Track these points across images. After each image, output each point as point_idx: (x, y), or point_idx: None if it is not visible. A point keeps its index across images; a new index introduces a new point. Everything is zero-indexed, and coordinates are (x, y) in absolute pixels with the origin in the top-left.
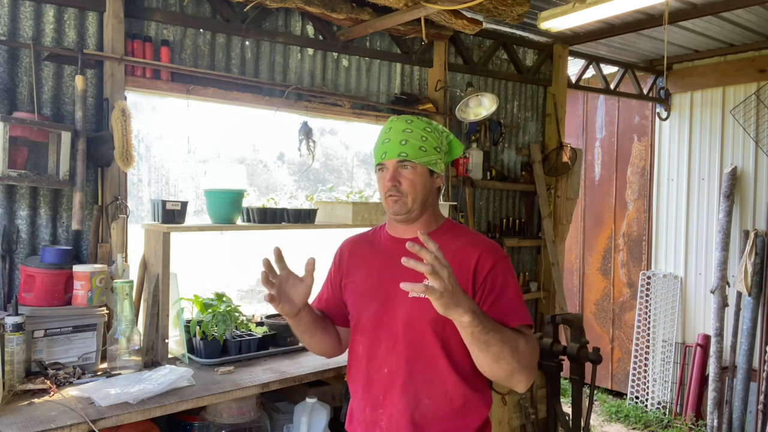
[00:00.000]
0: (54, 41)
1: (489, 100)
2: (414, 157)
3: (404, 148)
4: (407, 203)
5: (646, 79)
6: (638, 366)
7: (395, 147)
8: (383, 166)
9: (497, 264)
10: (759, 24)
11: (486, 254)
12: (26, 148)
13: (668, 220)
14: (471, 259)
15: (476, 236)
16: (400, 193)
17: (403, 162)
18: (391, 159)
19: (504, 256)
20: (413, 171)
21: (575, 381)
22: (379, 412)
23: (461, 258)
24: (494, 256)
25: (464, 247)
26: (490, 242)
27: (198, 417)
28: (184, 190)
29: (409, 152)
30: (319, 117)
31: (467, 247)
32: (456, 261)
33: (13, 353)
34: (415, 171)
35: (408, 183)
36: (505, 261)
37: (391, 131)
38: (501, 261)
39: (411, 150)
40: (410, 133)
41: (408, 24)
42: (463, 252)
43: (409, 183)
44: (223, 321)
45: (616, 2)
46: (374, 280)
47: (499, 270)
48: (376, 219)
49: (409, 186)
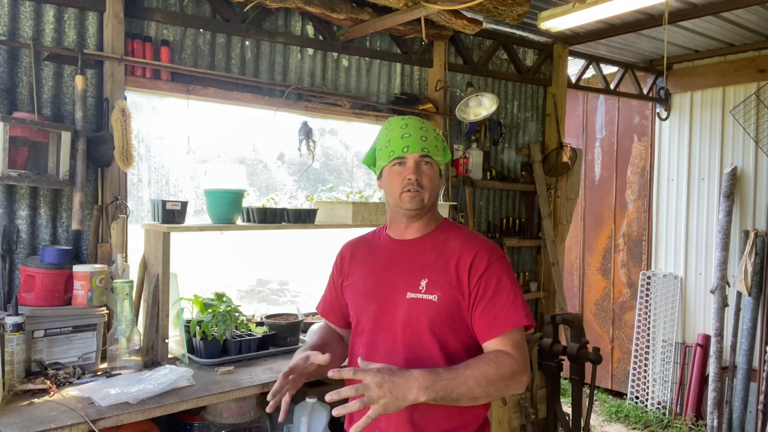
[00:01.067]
0: (54, 41)
1: (489, 100)
2: (434, 154)
3: (426, 144)
4: (424, 199)
5: (646, 79)
6: (638, 366)
7: (417, 142)
8: (403, 160)
9: (492, 265)
10: (759, 24)
11: (481, 254)
12: (26, 148)
13: (668, 220)
14: (466, 259)
15: (473, 236)
16: (421, 187)
17: (426, 157)
18: (414, 153)
19: (500, 256)
20: (432, 167)
21: (575, 381)
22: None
23: (458, 258)
24: (490, 256)
25: (461, 247)
26: (486, 242)
27: (198, 417)
28: (184, 190)
29: (430, 148)
30: (319, 117)
31: (463, 247)
32: (453, 261)
33: (13, 353)
34: (433, 168)
35: (428, 179)
36: (501, 261)
37: (408, 127)
38: (497, 261)
39: (431, 147)
40: (427, 131)
41: (408, 24)
42: (459, 252)
43: (429, 179)
44: (223, 321)
45: (616, 2)
46: (373, 281)
47: (493, 271)
48: (376, 219)
49: (428, 181)
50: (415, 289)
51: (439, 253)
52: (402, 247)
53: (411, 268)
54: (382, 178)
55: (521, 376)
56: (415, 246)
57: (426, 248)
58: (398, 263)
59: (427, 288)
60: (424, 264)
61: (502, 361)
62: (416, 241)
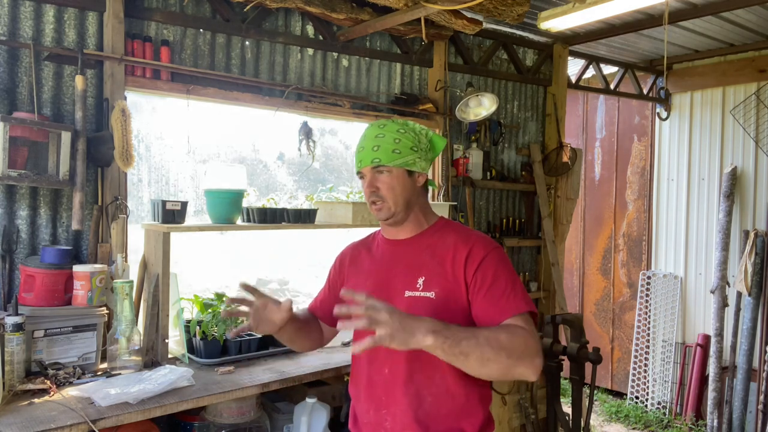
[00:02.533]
0: (54, 41)
1: (489, 100)
2: (388, 161)
3: (377, 154)
4: (390, 207)
5: (646, 79)
6: (638, 366)
7: (368, 154)
8: (361, 174)
9: (488, 255)
10: (759, 24)
11: (477, 247)
12: (26, 148)
13: (668, 220)
14: (462, 253)
15: (468, 231)
16: (380, 198)
17: (378, 167)
18: (366, 166)
19: (495, 247)
20: (389, 175)
21: (575, 381)
22: (383, 412)
23: (453, 254)
24: (485, 248)
25: (455, 243)
26: (481, 235)
27: (198, 417)
28: (184, 190)
29: (382, 157)
30: (319, 117)
31: (458, 242)
32: (449, 256)
33: (13, 353)
34: (392, 174)
35: (386, 187)
36: (496, 251)
37: (364, 139)
38: (492, 252)
39: (384, 155)
40: (382, 138)
41: (408, 24)
42: (454, 247)
43: (387, 187)
44: (223, 321)
45: (616, 2)
46: (371, 282)
47: (489, 261)
48: (376, 219)
49: (387, 190)
50: (413, 287)
51: (435, 250)
52: (397, 247)
53: (408, 267)
54: None
55: (534, 356)
56: (410, 245)
57: (421, 246)
58: (395, 263)
59: (424, 285)
60: (420, 262)
61: (515, 331)
62: (411, 240)
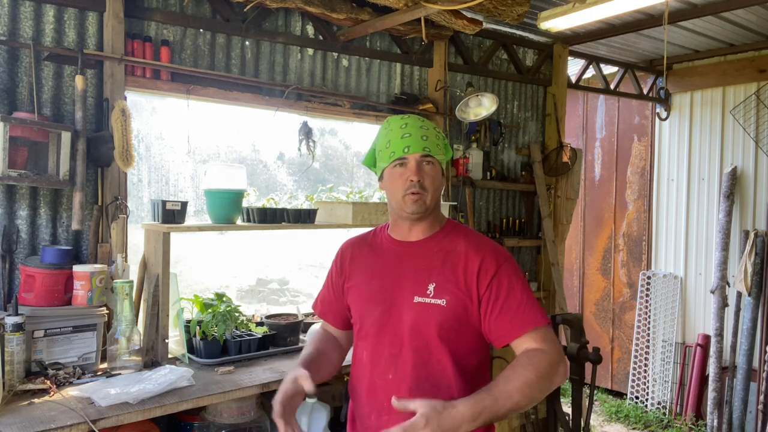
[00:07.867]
0: (54, 41)
1: (489, 100)
2: (436, 153)
3: (427, 144)
4: (426, 201)
5: (646, 79)
6: (638, 366)
7: (419, 142)
8: (404, 161)
9: (501, 268)
10: (759, 24)
11: (489, 259)
12: (26, 148)
13: (668, 220)
14: (474, 264)
15: (479, 239)
16: (423, 189)
17: (427, 157)
18: (416, 153)
19: (507, 258)
20: (434, 167)
21: (575, 381)
22: (385, 418)
23: (465, 263)
24: (497, 259)
25: (467, 252)
26: (493, 245)
27: (198, 417)
28: (184, 190)
29: (431, 147)
30: (319, 117)
31: (470, 251)
32: (460, 265)
33: (13, 353)
34: (435, 167)
35: (430, 180)
36: (509, 263)
37: (408, 126)
38: (505, 264)
39: (432, 146)
40: (427, 130)
41: (408, 24)
42: (466, 256)
43: (431, 180)
44: (223, 321)
45: (616, 2)
46: (377, 284)
47: (503, 274)
48: (376, 219)
49: (430, 183)
50: (423, 294)
51: (446, 255)
52: (406, 249)
53: (417, 272)
54: (383, 180)
55: (559, 368)
56: (421, 248)
57: (432, 251)
58: (403, 266)
59: (435, 292)
60: (430, 267)
61: (538, 360)
62: (421, 243)
